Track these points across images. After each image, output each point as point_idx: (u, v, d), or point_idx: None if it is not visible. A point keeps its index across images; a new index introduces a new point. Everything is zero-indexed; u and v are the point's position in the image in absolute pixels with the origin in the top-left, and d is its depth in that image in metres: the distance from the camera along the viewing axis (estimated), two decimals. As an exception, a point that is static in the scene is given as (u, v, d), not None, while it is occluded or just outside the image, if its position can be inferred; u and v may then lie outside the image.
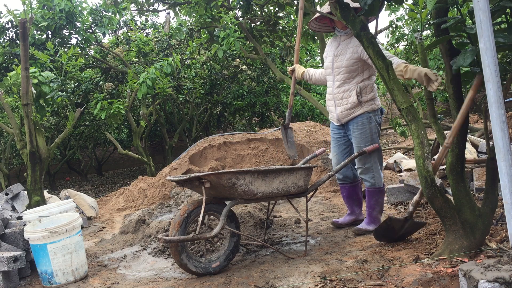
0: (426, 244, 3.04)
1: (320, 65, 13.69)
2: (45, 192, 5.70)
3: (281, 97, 12.21)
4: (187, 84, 10.48)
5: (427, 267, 2.60)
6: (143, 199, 6.38)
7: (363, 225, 3.76)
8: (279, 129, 7.52)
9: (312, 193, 3.59)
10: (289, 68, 4.20)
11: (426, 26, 7.90)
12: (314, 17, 3.80)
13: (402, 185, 4.63)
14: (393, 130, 12.76)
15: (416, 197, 3.10)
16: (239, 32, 6.38)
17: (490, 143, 2.71)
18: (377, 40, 2.96)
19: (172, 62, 7.58)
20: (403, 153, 8.25)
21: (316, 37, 7.29)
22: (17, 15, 7.68)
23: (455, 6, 2.67)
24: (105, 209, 6.61)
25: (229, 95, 11.23)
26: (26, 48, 4.67)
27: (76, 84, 9.06)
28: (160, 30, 11.54)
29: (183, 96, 11.07)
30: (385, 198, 4.93)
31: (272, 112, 12.34)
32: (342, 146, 3.85)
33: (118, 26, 9.82)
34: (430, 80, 2.99)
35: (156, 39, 9.79)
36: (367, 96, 3.62)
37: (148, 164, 9.72)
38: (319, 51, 7.10)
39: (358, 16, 2.85)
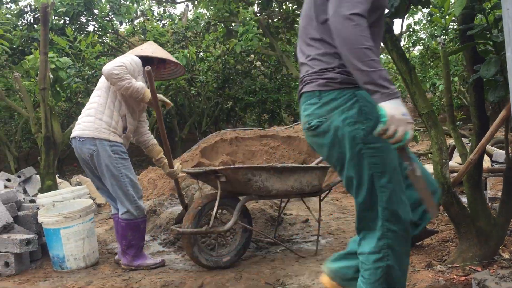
0: (438, 251, 3.03)
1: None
2: (57, 177, 5.74)
3: (293, 95, 12.17)
4: (200, 77, 10.48)
5: (439, 273, 2.59)
6: (153, 189, 6.40)
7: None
8: (291, 127, 7.51)
9: (325, 193, 3.59)
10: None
11: (444, 31, 7.83)
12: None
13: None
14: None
15: None
16: (256, 28, 6.37)
17: (510, 153, 2.70)
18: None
19: (188, 54, 7.59)
20: (414, 158, 8.20)
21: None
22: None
23: (482, 13, 2.64)
24: (114, 197, 6.63)
25: (241, 90, 11.18)
26: (46, 32, 4.70)
27: (92, 72, 9.13)
28: (176, 22, 11.54)
29: (195, 89, 11.06)
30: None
31: (282, 110, 12.29)
32: None
33: (135, 15, 9.85)
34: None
35: (172, 31, 9.77)
36: None
37: (157, 155, 9.72)
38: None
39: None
